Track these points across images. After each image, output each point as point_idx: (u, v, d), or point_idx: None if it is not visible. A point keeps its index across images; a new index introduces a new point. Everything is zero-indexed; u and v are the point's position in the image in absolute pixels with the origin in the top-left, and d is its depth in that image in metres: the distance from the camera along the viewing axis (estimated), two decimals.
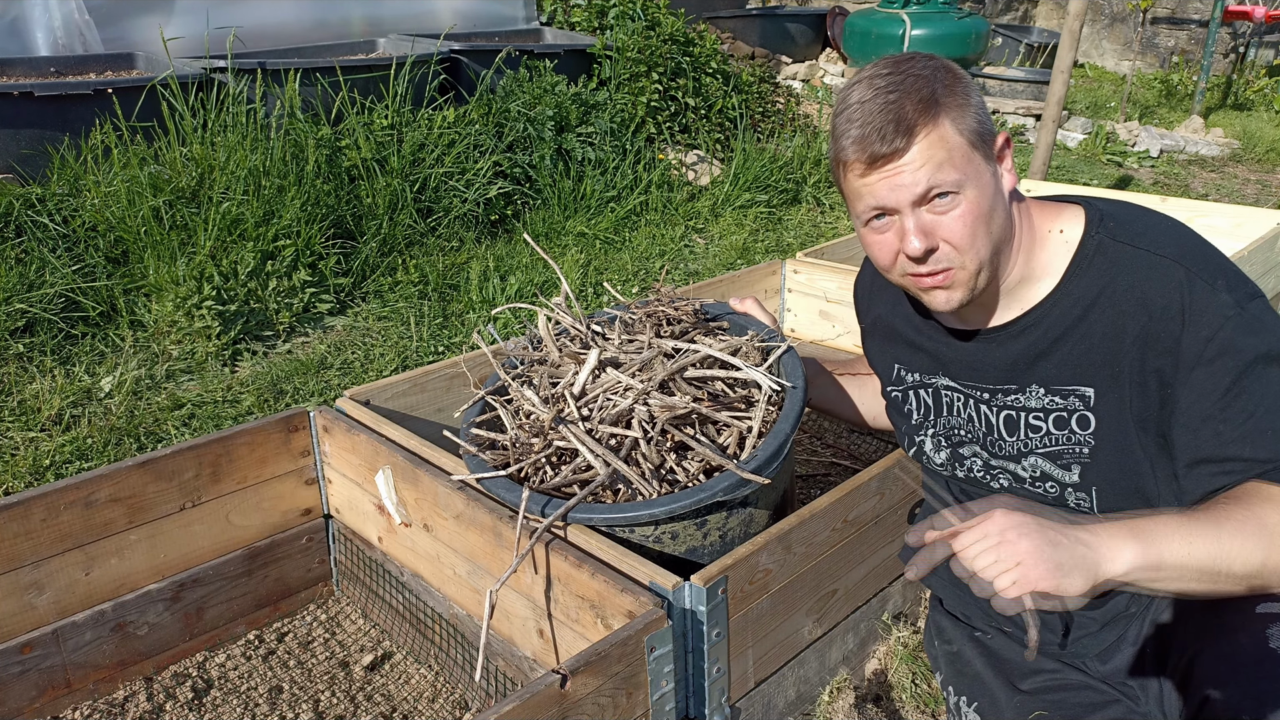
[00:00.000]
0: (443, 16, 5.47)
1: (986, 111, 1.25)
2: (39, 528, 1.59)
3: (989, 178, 1.23)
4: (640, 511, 1.40)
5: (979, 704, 1.44)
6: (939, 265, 1.25)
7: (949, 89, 1.21)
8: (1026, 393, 1.35)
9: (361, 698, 1.74)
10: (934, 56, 1.25)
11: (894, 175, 1.20)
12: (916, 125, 1.18)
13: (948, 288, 1.27)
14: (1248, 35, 9.88)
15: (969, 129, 1.21)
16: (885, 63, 1.24)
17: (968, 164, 1.20)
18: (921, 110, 1.18)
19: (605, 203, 4.52)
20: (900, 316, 1.53)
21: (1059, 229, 1.32)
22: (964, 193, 1.20)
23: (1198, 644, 1.17)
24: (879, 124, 1.19)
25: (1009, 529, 1.10)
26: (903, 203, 1.21)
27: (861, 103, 1.21)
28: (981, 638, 1.51)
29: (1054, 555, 1.07)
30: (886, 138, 1.18)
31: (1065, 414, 1.31)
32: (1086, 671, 1.39)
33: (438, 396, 2.06)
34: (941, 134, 1.19)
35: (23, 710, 1.63)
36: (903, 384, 1.55)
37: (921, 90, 1.19)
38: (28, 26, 4.24)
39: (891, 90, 1.19)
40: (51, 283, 3.03)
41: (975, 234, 1.22)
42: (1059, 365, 1.31)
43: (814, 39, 8.48)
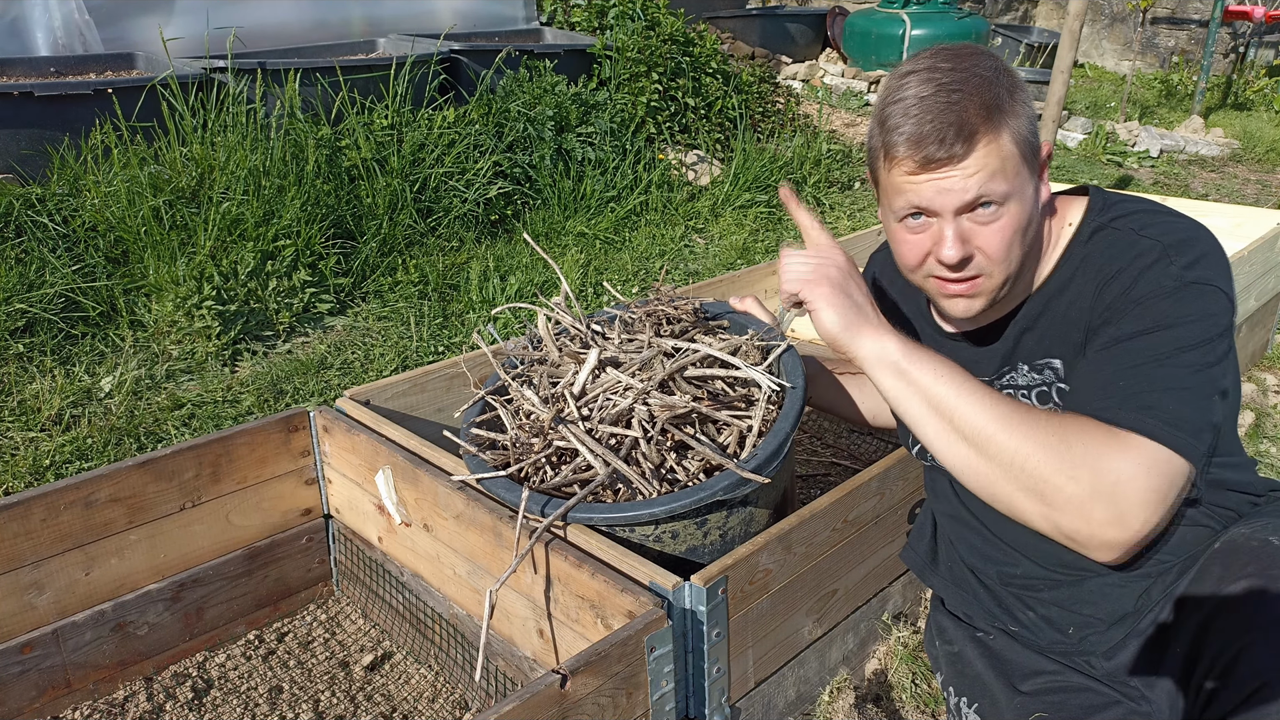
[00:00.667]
0: (443, 16, 5.47)
1: (1034, 126, 1.22)
2: (39, 528, 1.59)
3: (1031, 191, 1.21)
4: (640, 511, 1.40)
5: (979, 705, 1.44)
6: (969, 273, 1.23)
7: (1011, 95, 1.17)
8: (1016, 371, 1.36)
9: (361, 698, 1.74)
10: (993, 54, 1.21)
11: (944, 180, 1.17)
12: (978, 132, 1.14)
13: (971, 296, 1.26)
14: (1248, 35, 9.88)
15: (1023, 140, 1.18)
16: (944, 54, 1.19)
17: (1017, 177, 1.18)
18: (985, 116, 1.14)
19: (605, 203, 4.52)
20: (896, 321, 1.52)
21: (1069, 222, 1.32)
22: (1008, 205, 1.18)
23: (1249, 635, 1.15)
24: (939, 125, 1.14)
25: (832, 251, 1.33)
26: (947, 208, 1.18)
27: (921, 98, 1.16)
28: (983, 638, 1.51)
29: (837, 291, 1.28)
30: (946, 141, 1.14)
31: (1046, 388, 1.32)
32: (1090, 670, 1.39)
33: (438, 396, 2.06)
34: (1000, 144, 1.15)
35: (23, 710, 1.63)
36: None
37: (985, 94, 1.15)
38: (28, 26, 4.24)
39: (955, 88, 1.15)
40: (51, 283, 3.03)
41: (1011, 247, 1.21)
42: (1036, 340, 1.32)
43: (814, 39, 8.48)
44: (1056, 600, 1.40)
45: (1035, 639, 1.43)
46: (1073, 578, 1.38)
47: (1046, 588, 1.41)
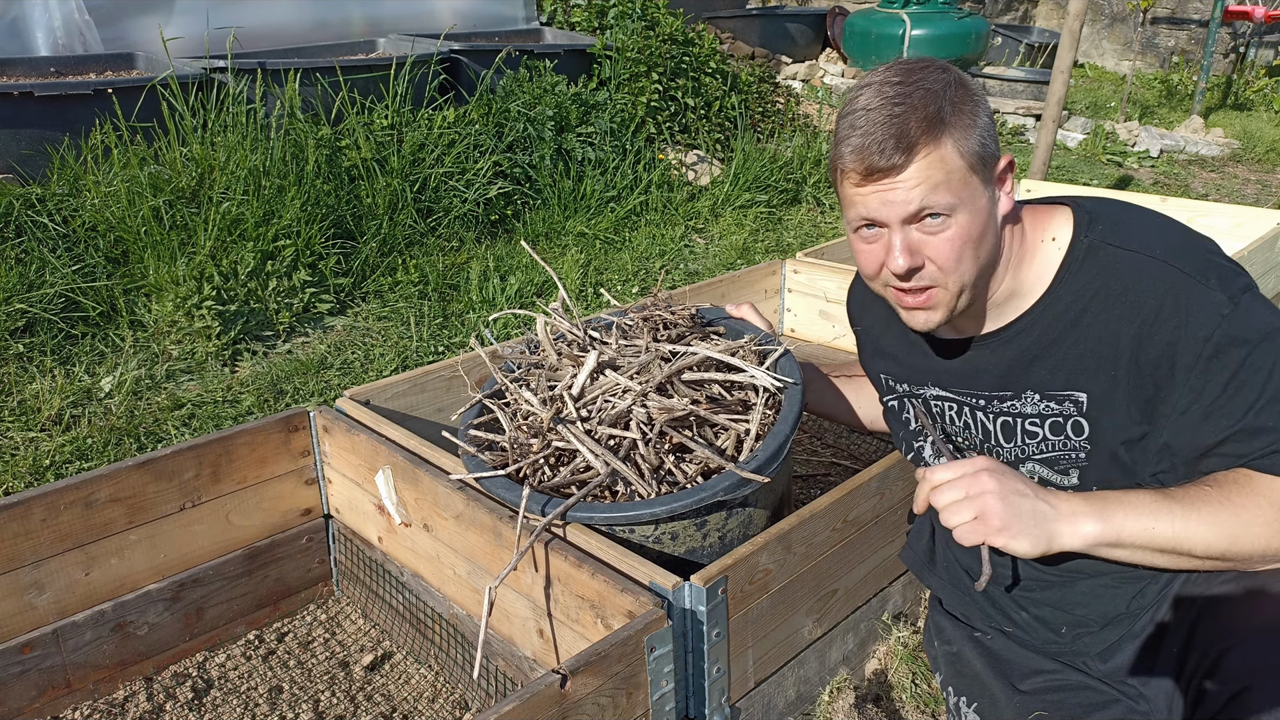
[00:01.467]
0: (443, 16, 5.47)
1: (993, 132, 1.23)
2: (39, 528, 1.59)
3: (984, 202, 1.22)
4: (641, 511, 1.40)
5: (979, 704, 1.44)
6: (921, 283, 1.24)
7: (957, 107, 1.18)
8: (1021, 399, 1.34)
9: (361, 698, 1.74)
10: (948, 67, 1.23)
11: (888, 191, 1.19)
12: (917, 144, 1.16)
13: (928, 309, 1.27)
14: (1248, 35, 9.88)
15: (971, 151, 1.19)
16: (897, 68, 1.22)
17: (964, 187, 1.19)
18: (925, 128, 1.16)
19: (605, 203, 4.52)
20: (892, 330, 1.52)
21: (1050, 236, 1.31)
22: (955, 216, 1.19)
23: (1230, 639, 1.17)
24: (880, 136, 1.17)
25: (981, 476, 1.18)
26: (893, 219, 1.20)
27: (867, 110, 1.19)
28: (981, 638, 1.51)
29: (1011, 516, 1.16)
30: (886, 152, 1.17)
31: (1060, 419, 1.31)
32: (1087, 671, 1.39)
33: (438, 396, 2.06)
34: (942, 155, 1.17)
35: (23, 710, 1.63)
36: (894, 393, 1.56)
37: (929, 106, 1.17)
38: (28, 26, 4.24)
39: (898, 102, 1.17)
40: (51, 283, 3.03)
41: (961, 257, 1.21)
42: (1053, 370, 1.30)
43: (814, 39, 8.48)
44: (1048, 601, 1.40)
45: (1030, 639, 1.44)
46: (1064, 579, 1.39)
47: (1039, 588, 1.41)
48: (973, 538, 1.17)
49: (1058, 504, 1.19)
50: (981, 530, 1.17)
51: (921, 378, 1.47)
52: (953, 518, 1.18)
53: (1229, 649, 1.16)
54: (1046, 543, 1.17)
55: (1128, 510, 1.18)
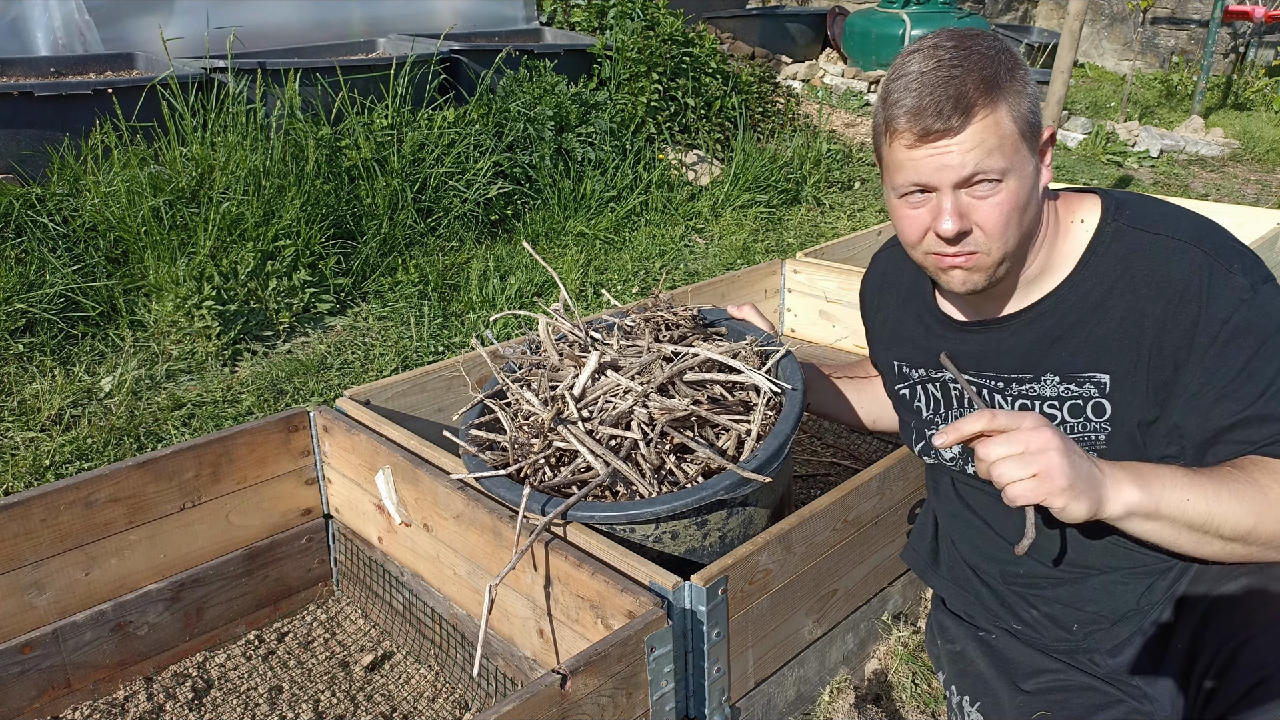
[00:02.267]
0: (443, 16, 5.47)
1: (1039, 102, 1.24)
2: (39, 528, 1.59)
3: (1031, 170, 1.22)
4: (642, 509, 1.40)
5: (982, 704, 1.44)
6: (966, 248, 1.24)
7: (1010, 73, 1.18)
8: (1041, 381, 1.34)
9: (361, 698, 1.74)
10: (997, 36, 1.23)
11: (942, 154, 1.19)
12: (975, 105, 1.16)
13: (969, 269, 1.27)
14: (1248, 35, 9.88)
15: (1022, 118, 1.19)
16: (949, 34, 1.21)
17: (1015, 153, 1.19)
18: (983, 91, 1.16)
19: (605, 203, 4.52)
20: (910, 314, 1.52)
21: (1080, 219, 1.32)
22: (1006, 181, 1.20)
23: (1240, 637, 1.17)
24: (938, 98, 1.16)
25: (1044, 431, 1.10)
26: (945, 182, 1.20)
27: (922, 73, 1.18)
28: (985, 637, 1.51)
29: (1071, 478, 1.09)
30: (944, 113, 1.16)
31: (1080, 401, 1.30)
32: (1093, 668, 1.39)
33: (438, 396, 2.06)
34: (998, 119, 1.17)
35: (23, 710, 1.63)
36: (908, 380, 1.55)
37: (985, 70, 1.17)
38: (28, 26, 4.24)
39: (955, 64, 1.17)
40: (51, 283, 3.03)
41: (1009, 224, 1.22)
42: (1075, 352, 1.30)
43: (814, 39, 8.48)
44: (1060, 598, 1.40)
45: (1039, 637, 1.43)
46: (1075, 575, 1.38)
47: (1050, 586, 1.41)
48: (1030, 496, 1.10)
49: (1104, 467, 1.14)
50: (1044, 489, 1.09)
51: (936, 361, 1.47)
52: (1006, 473, 1.10)
53: (1240, 647, 1.16)
54: (1096, 507, 1.12)
55: (1164, 481, 1.15)
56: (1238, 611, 1.20)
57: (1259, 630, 1.16)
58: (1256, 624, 1.17)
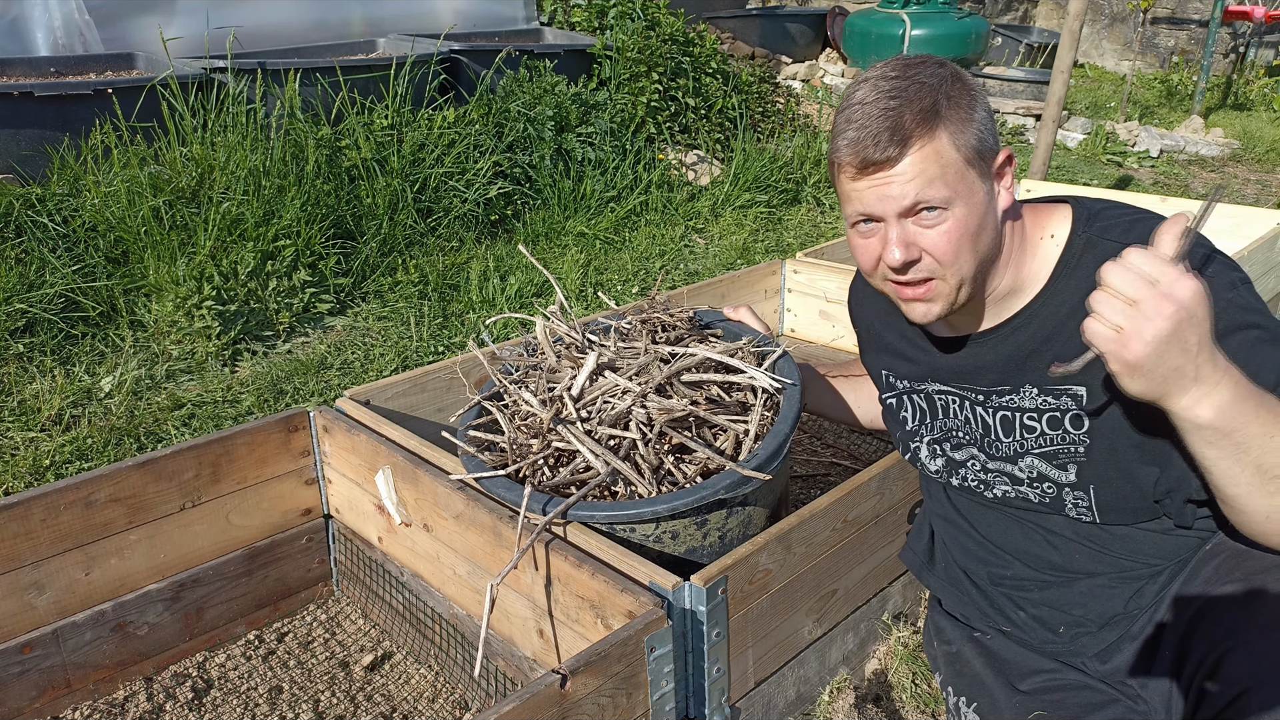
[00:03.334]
0: (443, 16, 5.47)
1: (991, 126, 1.23)
2: (39, 528, 1.59)
3: (981, 196, 1.22)
4: (643, 509, 1.41)
5: (978, 704, 1.44)
6: (919, 275, 1.24)
7: (953, 101, 1.19)
8: (1020, 393, 1.35)
9: (361, 698, 1.74)
10: (945, 63, 1.24)
11: (883, 185, 1.19)
12: (912, 136, 1.17)
13: (927, 301, 1.26)
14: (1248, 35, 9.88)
15: (967, 145, 1.19)
16: (894, 64, 1.22)
17: (960, 181, 1.19)
18: (920, 121, 1.17)
19: (605, 203, 4.52)
20: (890, 326, 1.52)
21: (1050, 234, 1.31)
22: (952, 210, 1.20)
23: (1231, 640, 1.16)
24: (875, 130, 1.17)
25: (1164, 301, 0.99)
26: (889, 213, 1.21)
27: (863, 104, 1.19)
28: (980, 638, 1.51)
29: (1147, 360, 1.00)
30: (880, 145, 1.17)
31: (1058, 413, 1.31)
32: (1085, 671, 1.39)
33: (438, 396, 2.06)
34: (937, 148, 1.18)
35: (23, 710, 1.63)
36: (894, 390, 1.56)
37: (924, 100, 1.17)
38: (28, 26, 4.24)
39: (894, 95, 1.18)
40: (51, 283, 3.03)
41: (959, 251, 1.21)
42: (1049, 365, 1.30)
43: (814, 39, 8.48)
44: (1046, 601, 1.40)
45: (1028, 639, 1.44)
46: (1062, 579, 1.39)
47: (1036, 588, 1.41)
48: (1099, 344, 1.03)
49: (1204, 371, 1.03)
50: (1112, 346, 1.01)
51: (922, 373, 1.48)
52: (1102, 308, 1.02)
53: (1231, 649, 1.16)
54: (1158, 397, 1.04)
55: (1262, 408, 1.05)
56: (1222, 619, 1.20)
57: (1240, 642, 1.16)
58: (1242, 629, 1.17)
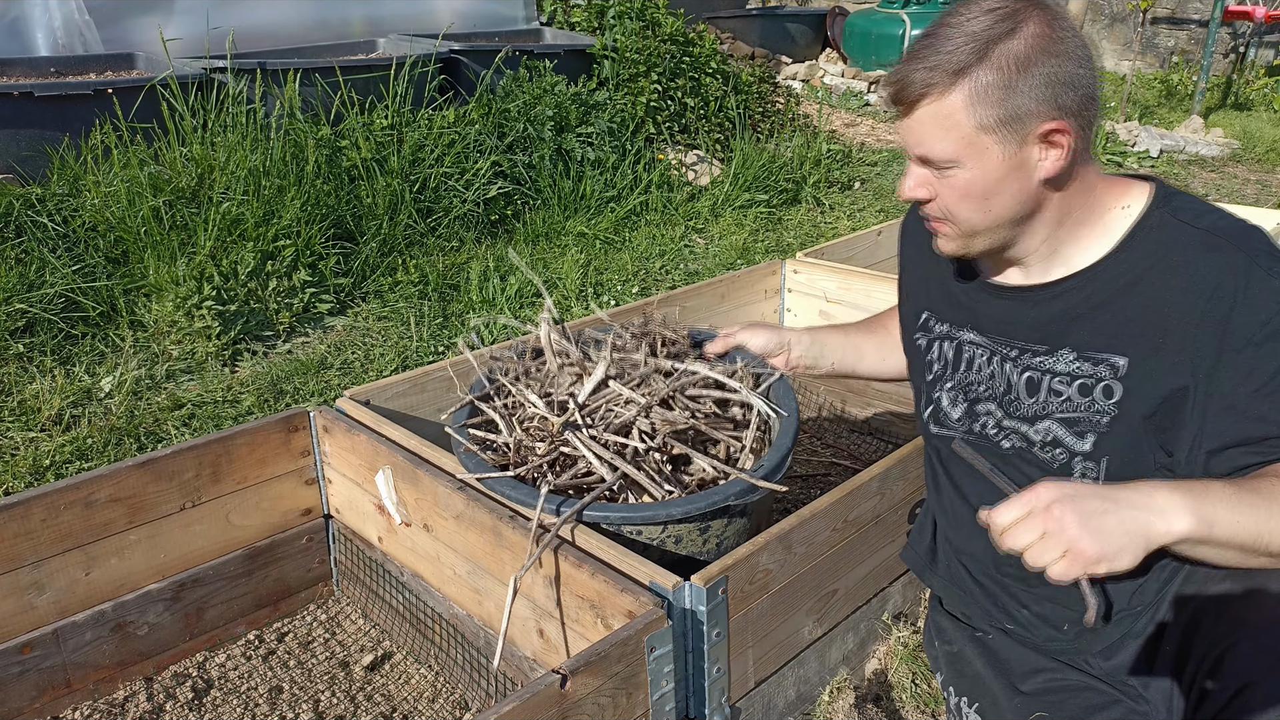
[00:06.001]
0: (442, 16, 5.47)
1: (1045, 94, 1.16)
2: (39, 528, 1.59)
3: (998, 162, 1.20)
4: (656, 511, 1.43)
5: (979, 704, 1.44)
6: (932, 214, 1.30)
7: (992, 62, 1.15)
8: (1055, 356, 1.33)
9: (361, 698, 1.74)
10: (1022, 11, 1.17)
11: (904, 125, 1.24)
12: (926, 95, 1.18)
13: (943, 236, 1.32)
14: (1248, 35, 9.88)
15: (988, 113, 1.17)
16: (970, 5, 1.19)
17: (966, 145, 1.20)
18: (939, 79, 1.17)
19: (605, 203, 4.52)
20: (948, 267, 1.49)
21: (1125, 204, 1.30)
22: (956, 170, 1.22)
23: (1231, 637, 1.16)
24: (904, 73, 1.20)
25: (1054, 504, 1.06)
26: (909, 149, 1.26)
27: (921, 35, 1.21)
28: (982, 638, 1.51)
29: (1103, 541, 1.04)
30: (900, 91, 1.21)
31: (1091, 381, 1.29)
32: (1088, 670, 1.39)
33: (438, 396, 2.06)
34: (948, 110, 1.18)
35: (23, 710, 1.63)
36: (930, 332, 1.52)
37: (960, 57, 1.16)
38: (28, 26, 4.24)
39: (933, 42, 1.18)
40: (51, 283, 3.03)
41: (963, 207, 1.25)
42: (1095, 331, 1.28)
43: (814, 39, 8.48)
44: (1050, 596, 1.40)
45: (1032, 637, 1.43)
46: None
47: (1040, 583, 1.40)
48: (1070, 574, 1.05)
49: (1144, 501, 1.08)
50: (1078, 565, 1.05)
51: (964, 318, 1.46)
52: (1040, 558, 1.06)
53: (1230, 647, 1.16)
54: (1144, 548, 1.07)
55: (1214, 501, 1.09)
56: (1225, 614, 1.20)
57: (1243, 636, 1.15)
58: (1241, 629, 1.16)
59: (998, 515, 1.10)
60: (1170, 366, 1.22)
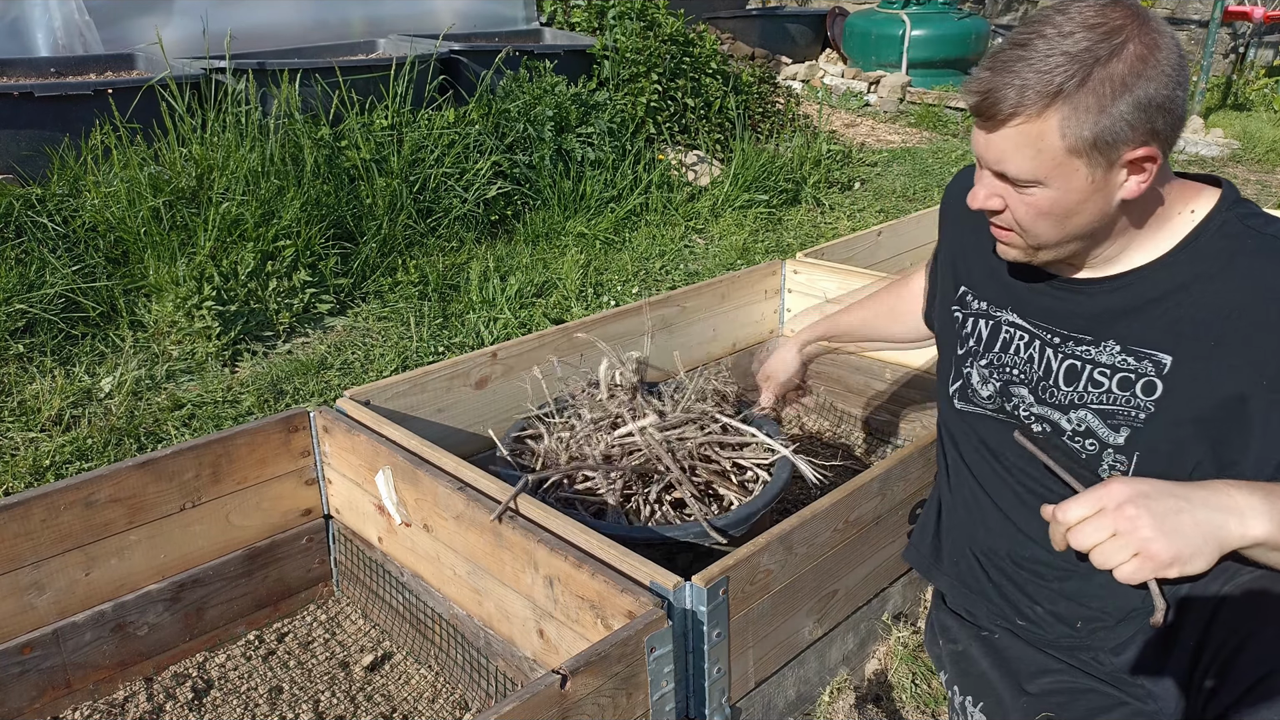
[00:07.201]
0: (442, 17, 5.47)
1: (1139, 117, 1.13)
2: (39, 528, 1.59)
3: (1082, 183, 1.17)
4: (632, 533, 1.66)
5: (985, 704, 1.44)
6: (1002, 224, 1.27)
7: (1088, 86, 1.11)
8: (1100, 346, 1.31)
9: (361, 698, 1.73)
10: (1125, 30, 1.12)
11: (983, 137, 1.20)
12: (1016, 113, 1.13)
13: (1006, 244, 1.30)
14: (1248, 35, 9.89)
15: (1079, 135, 1.13)
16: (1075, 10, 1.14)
17: (1055, 167, 1.16)
18: (1033, 100, 1.12)
19: (605, 203, 4.52)
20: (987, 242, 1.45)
21: (1191, 209, 1.28)
22: (1037, 190, 1.18)
23: (1242, 636, 1.16)
24: (990, 85, 1.15)
25: (1127, 502, 1.02)
26: (984, 160, 1.23)
27: (1004, 47, 1.16)
28: (988, 637, 1.50)
29: (1178, 543, 1.00)
30: (986, 104, 1.16)
31: (1133, 376, 1.27)
32: (1096, 668, 1.38)
33: (438, 396, 2.06)
34: (1040, 130, 1.13)
35: (23, 710, 1.63)
36: (966, 308, 1.50)
37: (1052, 76, 1.11)
38: (28, 27, 4.24)
39: (1028, 56, 1.13)
40: (51, 283, 3.03)
41: (1038, 224, 1.22)
42: (1145, 326, 1.27)
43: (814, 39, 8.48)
44: (1065, 593, 1.39)
45: (1042, 634, 1.43)
46: (1083, 571, 1.38)
47: (1056, 579, 1.40)
48: (1140, 576, 1.01)
49: (1221, 501, 1.04)
50: (1149, 567, 1.00)
51: (1005, 299, 1.43)
52: (1108, 559, 1.02)
53: (1242, 644, 1.15)
54: (1218, 550, 1.03)
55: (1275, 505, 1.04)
56: (1241, 610, 1.19)
57: (1261, 627, 1.15)
58: (1260, 621, 1.16)
59: (1065, 511, 1.05)
60: (1227, 371, 1.20)
